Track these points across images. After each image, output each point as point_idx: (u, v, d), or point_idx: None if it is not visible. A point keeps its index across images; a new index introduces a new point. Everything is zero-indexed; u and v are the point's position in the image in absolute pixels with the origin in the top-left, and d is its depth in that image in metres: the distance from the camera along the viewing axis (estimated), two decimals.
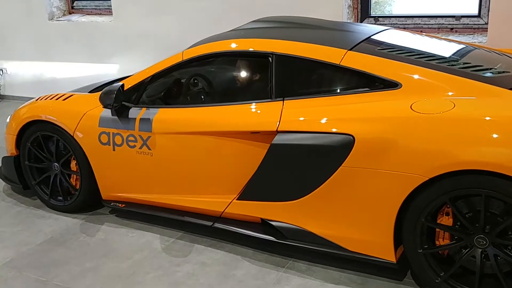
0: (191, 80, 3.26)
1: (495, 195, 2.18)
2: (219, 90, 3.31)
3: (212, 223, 2.99)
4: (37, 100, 3.69)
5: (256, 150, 2.78)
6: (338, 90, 2.75)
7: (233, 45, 3.05)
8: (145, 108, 3.15)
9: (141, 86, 3.22)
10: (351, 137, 2.45)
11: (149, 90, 3.24)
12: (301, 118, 2.65)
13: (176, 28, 5.29)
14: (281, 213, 2.74)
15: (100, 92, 3.23)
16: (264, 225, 2.86)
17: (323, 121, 2.57)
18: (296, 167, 2.62)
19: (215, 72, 3.32)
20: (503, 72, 2.65)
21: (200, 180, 3.03)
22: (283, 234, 2.76)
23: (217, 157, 2.94)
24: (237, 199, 2.89)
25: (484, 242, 2.28)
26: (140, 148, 3.12)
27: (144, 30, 5.52)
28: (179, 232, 3.20)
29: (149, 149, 3.09)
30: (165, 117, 3.08)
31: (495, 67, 2.70)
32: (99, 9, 6.19)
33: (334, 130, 2.52)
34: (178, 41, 4.16)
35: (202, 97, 3.27)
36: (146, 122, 3.08)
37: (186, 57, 3.13)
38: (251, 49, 2.99)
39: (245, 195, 2.85)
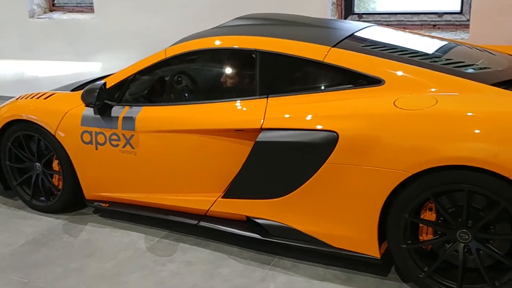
0: (174, 78, 3.23)
1: (477, 190, 2.20)
2: (203, 87, 3.29)
3: (197, 221, 2.97)
4: (17, 99, 3.63)
5: (240, 148, 2.77)
6: (322, 87, 2.75)
7: (217, 42, 3.04)
8: (128, 107, 3.12)
9: (123, 84, 3.18)
10: (335, 134, 2.45)
11: (132, 88, 3.21)
12: (285, 115, 2.65)
13: (159, 25, 5.24)
14: (266, 211, 2.73)
15: (82, 91, 3.19)
16: (249, 223, 2.85)
17: (307, 118, 2.57)
18: (280, 165, 2.62)
19: (199, 70, 3.30)
20: (485, 68, 2.68)
21: (184, 178, 3.01)
22: (269, 232, 2.75)
23: (201, 155, 2.92)
24: (222, 197, 2.87)
25: (467, 237, 2.31)
26: (124, 147, 3.09)
27: (127, 28, 5.46)
28: (164, 231, 3.18)
29: (133, 147, 3.06)
30: (149, 115, 3.05)
31: (477, 63, 2.72)
32: (81, 6, 6.11)
33: (318, 127, 2.52)
34: (161, 39, 4.12)
35: (186, 95, 3.24)
36: (129, 120, 3.05)
37: (169, 54, 3.11)
38: (235, 47, 2.98)
39: (230, 193, 2.84)
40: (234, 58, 3.10)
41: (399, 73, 2.57)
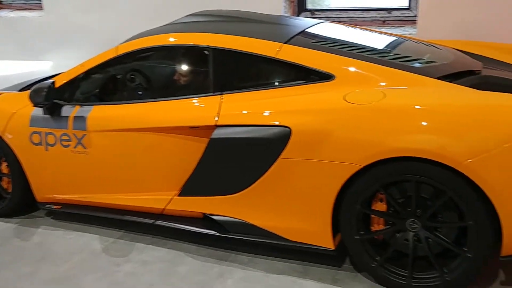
0: (127, 76, 3.18)
1: (425, 181, 2.28)
2: (157, 85, 3.25)
3: (153, 220, 2.94)
4: None
5: (195, 145, 2.76)
6: (275, 83, 2.78)
7: (170, 39, 3.01)
8: (78, 106, 3.05)
9: (73, 83, 3.11)
10: (288, 129, 2.48)
11: (83, 87, 3.14)
12: (239, 112, 2.65)
13: (111, 22, 5.14)
14: (223, 207, 2.74)
15: (30, 90, 3.10)
16: (206, 220, 2.85)
17: (261, 114, 2.59)
18: (235, 161, 2.63)
19: (152, 67, 3.26)
20: (431, 62, 2.77)
21: (139, 177, 2.98)
22: (225, 228, 2.76)
23: (156, 153, 2.89)
24: (178, 195, 2.86)
25: (416, 226, 2.39)
26: (75, 147, 3.02)
27: (78, 25, 5.33)
28: (120, 231, 3.13)
29: (85, 148, 3.00)
30: (101, 114, 2.99)
31: (424, 58, 2.81)
32: (29, 4, 5.92)
33: (271, 122, 2.54)
34: (113, 36, 4.05)
35: (140, 92, 3.19)
36: (80, 120, 2.98)
37: (121, 51, 3.06)
38: (188, 44, 2.96)
39: (186, 191, 2.82)
40: (188, 55, 3.08)
41: (349, 68, 2.63)
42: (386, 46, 2.99)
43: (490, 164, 2.12)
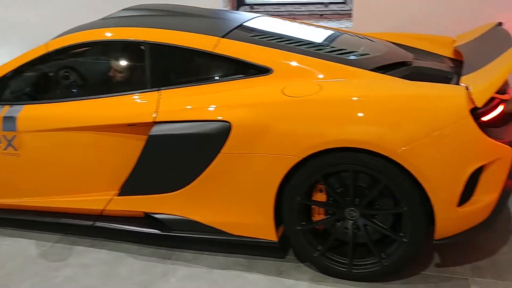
0: (60, 73, 3.06)
1: (362, 170, 2.34)
2: (92, 82, 3.14)
3: (92, 222, 2.85)
4: None
5: (134, 143, 2.69)
6: (213, 78, 2.76)
7: (105, 34, 2.92)
8: (8, 106, 2.90)
9: (2, 82, 2.95)
10: (228, 124, 2.47)
11: (12, 86, 2.99)
12: (178, 108, 2.62)
13: (42, 17, 4.91)
14: (164, 205, 2.70)
15: None
16: (148, 219, 2.80)
17: (200, 109, 2.56)
18: (175, 158, 2.59)
19: (86, 63, 3.14)
20: (365, 54, 2.84)
21: (76, 178, 2.88)
22: (168, 226, 2.72)
23: (93, 153, 2.80)
24: (118, 195, 2.78)
25: (355, 214, 2.45)
26: (5, 149, 2.87)
27: (6, 21, 5.05)
28: (57, 235, 3.02)
29: (16, 149, 2.86)
30: (33, 114, 2.86)
31: (358, 50, 2.88)
32: None
33: (210, 118, 2.52)
34: (47, 33, 3.85)
35: (74, 90, 3.08)
36: (9, 120, 2.84)
37: (52, 48, 2.93)
38: (123, 39, 2.89)
39: (126, 190, 2.76)
40: (123, 51, 3.00)
41: (287, 62, 2.65)
42: (322, 40, 3.04)
43: (421, 152, 2.20)
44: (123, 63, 3.03)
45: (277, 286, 2.50)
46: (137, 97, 2.75)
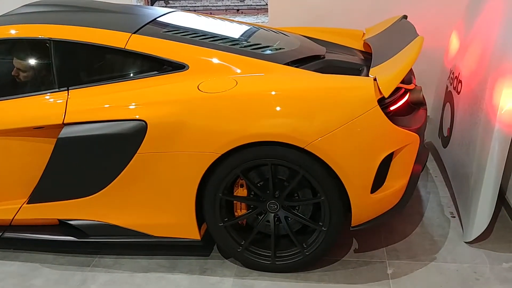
0: None
1: (280, 163, 2.37)
2: None
3: (0, 233, 2.66)
4: None
5: (42, 147, 2.54)
6: (126, 75, 2.66)
7: (7, 32, 2.72)
8: None
9: None
10: (144, 123, 2.40)
11: None
12: (88, 108, 2.50)
13: None
14: (79, 211, 2.57)
15: None
16: (62, 226, 2.66)
17: (113, 108, 2.47)
18: (88, 161, 2.48)
19: None
20: (280, 49, 2.87)
21: None
22: (85, 232, 2.60)
23: None
24: (27, 203, 2.62)
25: (275, 207, 2.48)
26: None
27: None
28: None
29: None
30: None
31: (273, 45, 2.90)
32: None
33: (125, 117, 2.43)
34: None
35: None
36: None
37: None
38: (28, 36, 2.71)
39: (35, 197, 2.60)
40: (26, 49, 2.80)
41: (202, 57, 2.61)
42: (238, 35, 3.03)
43: (335, 142, 2.27)
44: (29, 62, 2.84)
45: (201, 285, 2.48)
46: (44, 98, 2.59)
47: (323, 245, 2.47)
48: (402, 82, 2.49)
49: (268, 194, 2.46)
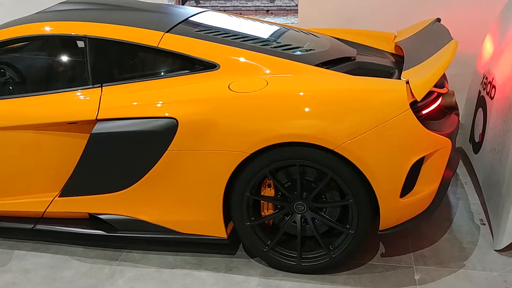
0: None
1: (308, 164, 2.37)
2: (30, 79, 3.00)
3: (32, 225, 2.73)
4: None
5: (76, 142, 2.60)
6: (158, 74, 2.70)
7: (43, 29, 2.79)
8: None
9: None
10: (174, 120, 2.43)
11: None
12: (122, 104, 2.55)
13: None
14: (109, 205, 2.62)
15: None
16: (92, 220, 2.71)
17: (145, 106, 2.50)
18: (120, 156, 2.52)
19: (24, 59, 3.00)
20: (310, 50, 2.87)
21: (15, 180, 2.74)
22: (114, 227, 2.65)
23: (33, 153, 2.68)
24: (59, 196, 2.68)
25: (302, 208, 2.48)
26: None
27: None
28: None
29: None
30: None
31: (303, 46, 2.90)
32: None
33: (156, 114, 2.47)
34: None
35: (11, 87, 2.93)
36: None
37: None
38: (63, 33, 2.77)
39: (67, 191, 2.66)
40: (63, 46, 2.88)
41: (233, 57, 2.63)
42: (268, 35, 3.04)
43: (365, 145, 2.25)
44: (63, 58, 2.91)
45: (227, 283, 2.49)
46: (78, 94, 2.65)
47: (349, 248, 2.46)
48: (435, 86, 2.45)
49: (295, 195, 2.46)
